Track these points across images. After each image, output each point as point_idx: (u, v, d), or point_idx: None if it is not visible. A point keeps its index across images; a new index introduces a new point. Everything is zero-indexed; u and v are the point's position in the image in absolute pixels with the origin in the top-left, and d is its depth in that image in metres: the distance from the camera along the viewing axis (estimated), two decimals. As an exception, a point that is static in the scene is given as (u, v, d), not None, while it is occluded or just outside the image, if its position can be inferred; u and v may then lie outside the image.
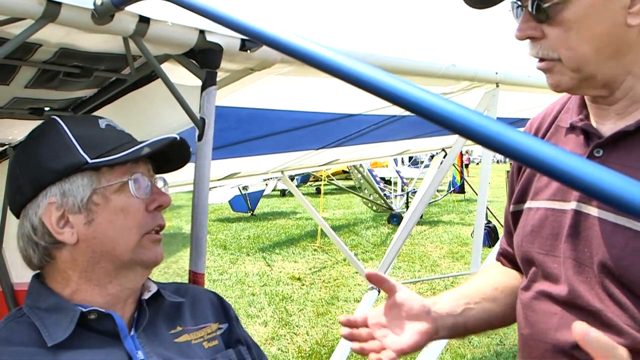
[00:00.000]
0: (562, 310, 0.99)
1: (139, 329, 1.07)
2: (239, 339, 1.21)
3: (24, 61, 1.24)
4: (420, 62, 2.05)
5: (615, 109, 0.99)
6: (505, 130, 0.50)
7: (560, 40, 0.92)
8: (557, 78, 0.97)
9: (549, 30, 0.93)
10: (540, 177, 1.11)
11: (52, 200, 1.02)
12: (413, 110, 0.57)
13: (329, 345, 5.56)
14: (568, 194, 1.02)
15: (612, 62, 0.93)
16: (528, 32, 0.96)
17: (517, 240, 1.15)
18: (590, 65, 0.92)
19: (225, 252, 10.46)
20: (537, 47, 0.96)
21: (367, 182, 14.66)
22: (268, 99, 2.17)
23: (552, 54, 0.95)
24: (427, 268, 8.81)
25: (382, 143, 4.22)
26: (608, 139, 0.97)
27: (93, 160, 1.02)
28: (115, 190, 1.04)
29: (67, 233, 1.02)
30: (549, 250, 1.04)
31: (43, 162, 1.03)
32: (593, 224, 0.96)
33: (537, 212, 1.09)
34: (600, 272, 0.94)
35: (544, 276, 1.05)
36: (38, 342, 0.95)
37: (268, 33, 0.70)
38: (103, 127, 1.09)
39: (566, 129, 1.09)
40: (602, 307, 0.93)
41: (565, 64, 0.94)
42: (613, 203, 0.45)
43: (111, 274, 1.05)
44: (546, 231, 1.05)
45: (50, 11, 1.00)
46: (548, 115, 1.18)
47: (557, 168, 0.47)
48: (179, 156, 1.16)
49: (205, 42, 1.29)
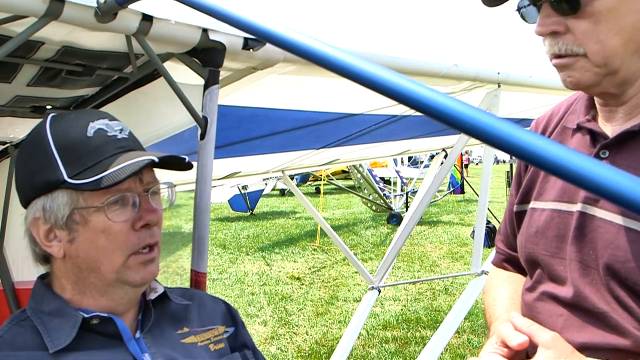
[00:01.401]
0: (568, 312, 0.99)
1: (145, 330, 1.06)
2: (245, 343, 1.21)
3: (27, 59, 1.24)
4: (422, 62, 2.04)
5: (624, 109, 0.98)
6: (515, 131, 0.50)
7: (588, 34, 0.89)
8: (579, 74, 0.93)
9: (576, 23, 0.90)
10: (545, 177, 1.10)
11: (37, 215, 1.00)
12: (420, 109, 0.56)
13: (328, 345, 5.56)
14: (574, 196, 1.02)
15: (635, 57, 0.91)
16: (551, 27, 0.92)
17: (520, 241, 1.14)
18: (617, 59, 0.90)
19: (225, 252, 10.45)
20: (559, 42, 0.93)
21: (366, 182, 14.66)
22: (269, 98, 2.17)
23: (576, 49, 0.91)
24: (426, 268, 8.81)
25: (383, 143, 4.22)
26: (613, 139, 0.96)
27: (71, 179, 0.97)
28: (94, 212, 0.98)
29: (55, 247, 1.01)
30: (554, 252, 1.04)
31: (27, 175, 1.02)
32: (598, 225, 0.96)
33: (543, 213, 1.08)
34: (605, 274, 0.93)
35: (550, 278, 1.05)
36: (42, 346, 0.95)
37: (276, 32, 0.70)
38: (91, 134, 1.00)
39: (572, 129, 1.08)
40: (608, 309, 0.93)
41: (590, 59, 0.91)
42: (623, 203, 0.44)
43: (100, 289, 1.03)
44: (552, 232, 1.05)
45: (54, 9, 1.00)
46: (554, 115, 1.17)
47: (567, 168, 0.46)
48: (179, 164, 1.08)
49: (208, 41, 1.29)
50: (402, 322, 6.16)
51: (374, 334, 5.85)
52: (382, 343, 5.57)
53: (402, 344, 5.55)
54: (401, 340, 5.64)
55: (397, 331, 5.91)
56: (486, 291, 1.30)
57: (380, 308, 6.64)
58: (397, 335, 5.79)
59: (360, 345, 5.47)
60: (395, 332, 5.89)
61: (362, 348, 5.44)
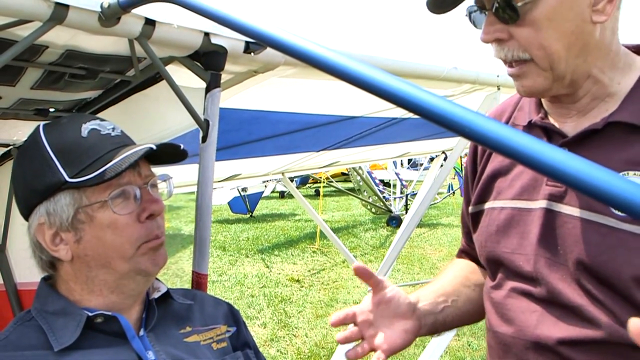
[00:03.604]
0: (542, 307, 1.00)
1: (148, 328, 1.07)
2: (247, 343, 1.23)
3: (31, 62, 1.25)
4: (422, 65, 2.05)
5: (577, 107, 1.01)
6: (513, 134, 0.51)
7: (531, 40, 0.92)
8: (531, 81, 0.97)
9: (518, 31, 0.93)
10: (503, 177, 1.12)
11: (41, 221, 1.01)
12: (419, 113, 0.57)
13: (327, 347, 5.56)
14: (534, 193, 1.04)
15: (580, 60, 0.94)
16: (495, 34, 0.95)
17: (480, 240, 1.16)
18: (562, 63, 0.93)
19: (224, 254, 10.45)
20: (504, 49, 0.96)
21: (366, 184, 14.66)
22: (270, 101, 2.18)
23: (522, 55, 0.94)
24: (426, 270, 8.82)
25: (383, 145, 4.23)
26: (574, 137, 0.98)
27: (71, 179, 0.98)
28: (98, 208, 1.00)
29: (62, 250, 1.02)
30: (515, 249, 1.05)
31: (27, 182, 1.03)
32: (565, 221, 0.98)
33: (502, 212, 1.09)
34: (576, 269, 0.95)
35: (515, 274, 1.06)
36: (46, 345, 0.96)
37: (276, 36, 0.71)
38: (85, 134, 1.02)
39: (523, 127, 1.09)
40: (583, 303, 0.94)
41: (538, 64, 0.94)
42: (622, 208, 0.46)
43: (111, 285, 1.04)
44: (513, 230, 1.06)
45: (58, 13, 1.01)
46: (503, 113, 1.19)
47: (565, 172, 0.48)
48: (175, 154, 1.10)
49: (210, 45, 1.30)
50: (402, 324, 6.15)
51: (374, 336, 5.85)
52: (382, 345, 5.57)
53: (401, 346, 5.54)
54: (401, 342, 5.64)
55: (396, 333, 5.90)
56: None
57: (379, 310, 6.64)
58: (396, 337, 5.78)
59: (359, 348, 5.47)
60: (395, 334, 5.88)
61: (361, 350, 5.44)
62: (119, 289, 1.05)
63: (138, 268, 1.04)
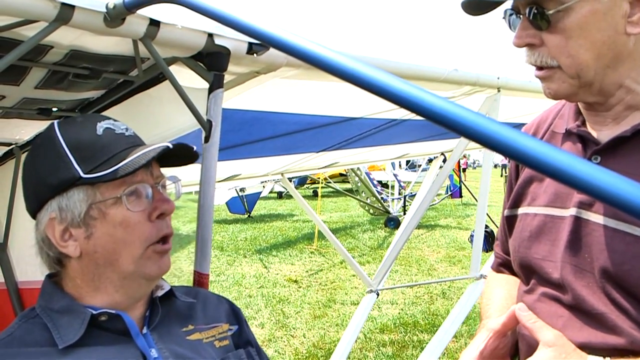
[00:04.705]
0: (568, 312, 1.02)
1: (151, 327, 1.08)
2: (249, 341, 1.24)
3: (35, 62, 1.26)
4: (422, 67, 2.07)
5: (611, 115, 1.01)
6: (516, 135, 0.52)
7: (560, 48, 0.94)
8: (556, 85, 0.98)
9: (549, 37, 0.94)
10: (538, 183, 1.13)
11: (52, 216, 1.02)
12: (422, 114, 0.58)
13: (325, 348, 5.56)
14: (567, 201, 1.05)
15: (610, 70, 0.95)
16: (527, 39, 0.97)
17: (514, 245, 1.17)
18: (590, 72, 0.94)
19: (222, 254, 10.45)
20: (535, 54, 0.98)
21: (364, 185, 14.66)
22: (271, 101, 2.19)
23: (551, 62, 0.96)
24: (424, 272, 8.82)
25: (382, 146, 4.24)
26: (605, 145, 0.99)
27: (86, 175, 0.99)
28: (112, 204, 1.01)
29: (71, 246, 1.02)
30: (545, 256, 1.07)
31: (41, 176, 1.04)
32: (593, 229, 0.98)
33: (535, 218, 1.11)
34: (601, 277, 0.96)
35: (545, 280, 1.07)
36: (51, 343, 0.97)
37: (279, 37, 0.72)
38: (100, 133, 1.04)
39: (562, 134, 1.11)
40: (606, 310, 0.96)
41: (565, 71, 0.95)
42: (621, 206, 0.47)
43: (116, 284, 1.05)
44: (544, 236, 1.08)
45: (64, 14, 1.02)
46: (543, 121, 1.20)
47: (567, 173, 0.49)
48: (186, 155, 1.12)
49: (213, 45, 1.31)
50: (400, 326, 6.17)
51: (372, 337, 5.86)
52: (380, 346, 5.58)
53: (399, 347, 5.56)
54: (399, 343, 5.65)
55: (394, 335, 5.92)
56: (483, 294, 1.34)
57: (377, 311, 6.65)
58: (394, 338, 5.80)
59: (357, 349, 5.48)
60: (393, 335, 5.90)
61: (359, 351, 5.45)
62: (123, 289, 1.06)
63: (142, 271, 1.04)
